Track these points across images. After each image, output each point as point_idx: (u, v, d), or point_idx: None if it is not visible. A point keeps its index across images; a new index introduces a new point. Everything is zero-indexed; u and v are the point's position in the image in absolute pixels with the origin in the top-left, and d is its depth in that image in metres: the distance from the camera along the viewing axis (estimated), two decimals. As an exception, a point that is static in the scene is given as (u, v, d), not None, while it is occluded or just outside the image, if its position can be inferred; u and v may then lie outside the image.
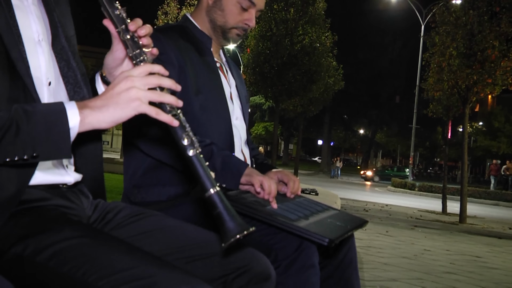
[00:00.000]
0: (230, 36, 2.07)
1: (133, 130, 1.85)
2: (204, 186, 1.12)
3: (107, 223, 1.38)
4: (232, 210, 1.12)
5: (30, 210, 1.24)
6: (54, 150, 1.13)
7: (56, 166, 1.32)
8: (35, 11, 1.36)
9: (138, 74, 1.16)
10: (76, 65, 1.42)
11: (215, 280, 1.28)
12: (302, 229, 1.59)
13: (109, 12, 1.21)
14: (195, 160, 1.13)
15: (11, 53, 1.22)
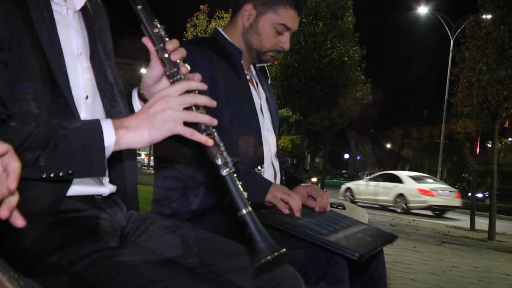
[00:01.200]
0: (265, 59, 2.11)
1: (166, 147, 1.87)
2: (237, 205, 1.14)
3: (140, 234, 1.41)
4: (264, 230, 1.13)
5: (66, 220, 1.28)
6: (89, 168, 1.16)
7: (92, 177, 1.36)
8: (75, 25, 1.40)
9: (173, 93, 1.18)
10: (113, 79, 1.46)
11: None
12: (333, 243, 1.60)
13: (148, 30, 1.24)
14: (228, 179, 1.15)
15: (52, 66, 1.26)
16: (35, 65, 1.25)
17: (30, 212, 1.15)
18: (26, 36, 1.25)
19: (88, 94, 1.39)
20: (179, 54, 1.23)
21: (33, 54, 1.25)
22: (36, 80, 1.25)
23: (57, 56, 1.29)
